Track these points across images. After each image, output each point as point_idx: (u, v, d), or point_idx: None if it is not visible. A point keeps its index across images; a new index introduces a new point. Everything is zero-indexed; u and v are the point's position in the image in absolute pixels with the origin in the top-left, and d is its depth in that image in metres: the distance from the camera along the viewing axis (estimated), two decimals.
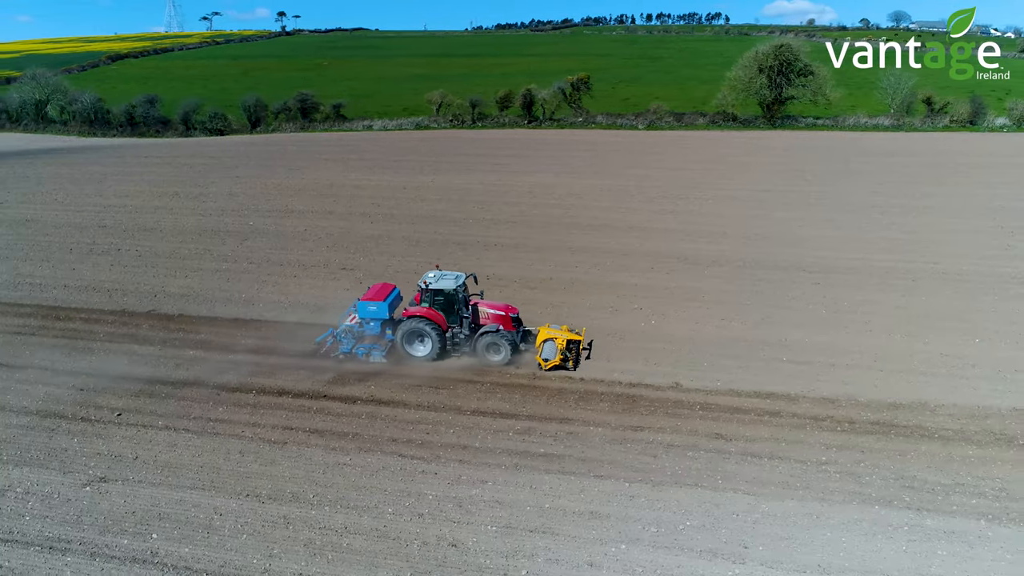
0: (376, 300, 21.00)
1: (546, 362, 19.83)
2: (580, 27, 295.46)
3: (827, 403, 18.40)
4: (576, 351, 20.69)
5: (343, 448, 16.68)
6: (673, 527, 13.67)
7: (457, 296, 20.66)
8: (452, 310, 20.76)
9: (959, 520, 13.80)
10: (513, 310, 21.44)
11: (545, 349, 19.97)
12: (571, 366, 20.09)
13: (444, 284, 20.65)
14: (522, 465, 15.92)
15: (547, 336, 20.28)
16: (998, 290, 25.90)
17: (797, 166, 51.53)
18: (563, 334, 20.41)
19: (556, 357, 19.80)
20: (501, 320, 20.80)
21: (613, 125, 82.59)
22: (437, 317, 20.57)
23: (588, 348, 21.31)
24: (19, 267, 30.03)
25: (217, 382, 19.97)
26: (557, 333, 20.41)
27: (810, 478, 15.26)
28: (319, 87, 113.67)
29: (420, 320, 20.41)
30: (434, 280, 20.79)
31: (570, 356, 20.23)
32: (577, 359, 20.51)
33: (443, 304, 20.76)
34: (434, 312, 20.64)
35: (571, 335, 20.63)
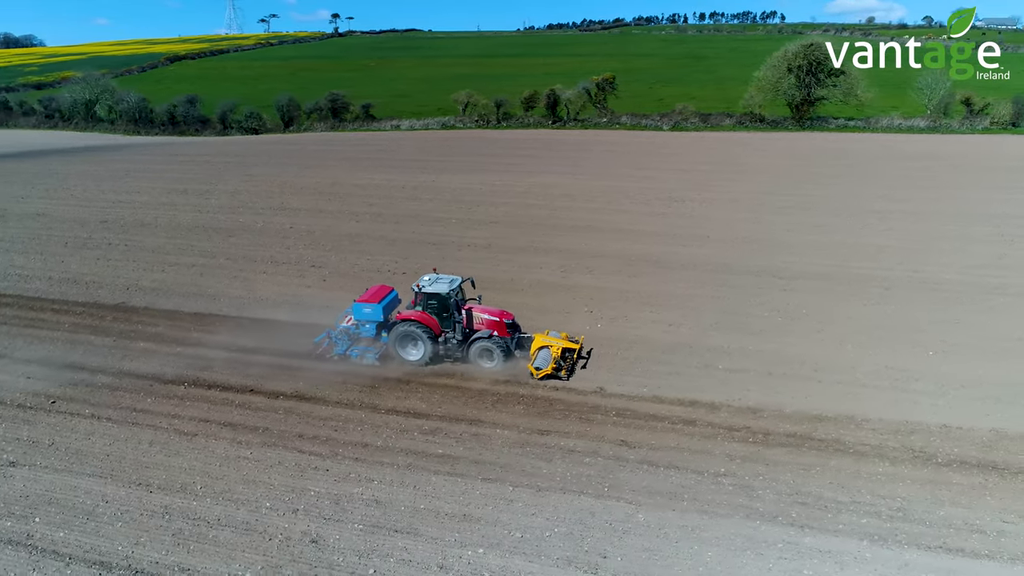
0: (371, 302, 20.92)
1: (538, 371, 19.25)
2: (630, 27, 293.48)
3: (749, 413, 17.84)
4: (571, 360, 20.07)
5: (248, 442, 16.98)
6: (539, 533, 13.47)
7: (450, 300, 20.31)
8: (446, 314, 20.44)
9: (840, 539, 13.21)
10: (508, 316, 20.99)
11: (538, 357, 19.51)
12: (563, 375, 19.43)
13: (438, 288, 20.31)
14: (415, 465, 15.91)
15: (542, 344, 19.78)
16: (975, 301, 24.64)
17: (813, 169, 50.05)
18: (559, 342, 19.84)
19: (548, 366, 19.21)
20: (495, 326, 20.36)
21: (637, 126, 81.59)
22: (430, 321, 20.28)
23: (586, 357, 20.72)
24: (14, 259, 31.50)
25: (155, 374, 20.58)
26: (553, 341, 19.84)
27: (700, 490, 14.82)
28: (361, 87, 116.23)
29: (412, 324, 20.13)
30: (428, 284, 20.47)
31: (563, 365, 19.55)
32: (572, 368, 19.89)
33: (437, 308, 20.43)
34: (427, 316, 20.35)
35: (568, 343, 20.01)
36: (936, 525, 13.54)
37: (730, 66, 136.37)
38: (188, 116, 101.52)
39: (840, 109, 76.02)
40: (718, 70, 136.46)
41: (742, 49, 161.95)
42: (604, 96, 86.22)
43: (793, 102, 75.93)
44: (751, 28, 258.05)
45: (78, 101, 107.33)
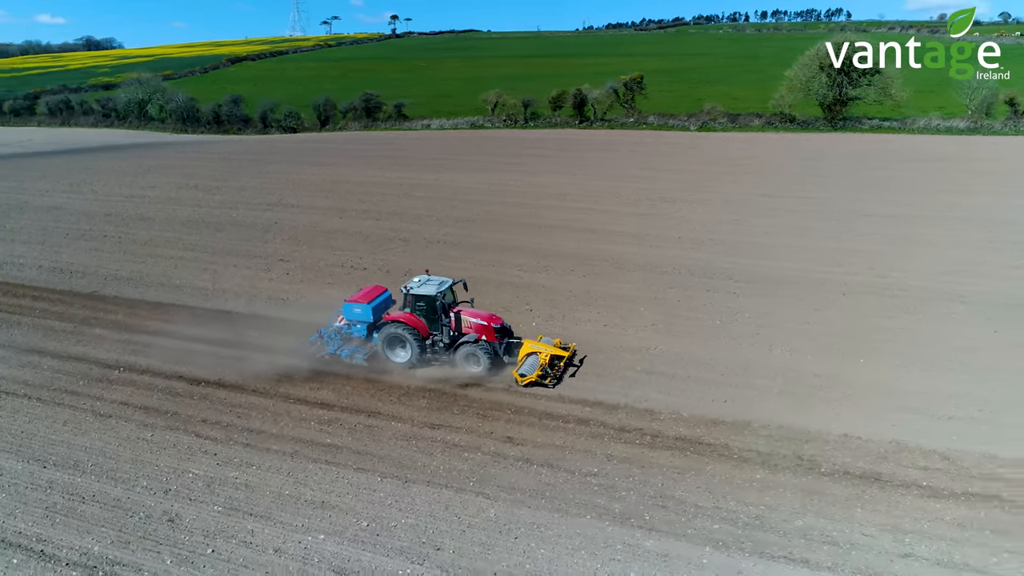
0: (361, 302, 20.74)
1: (522, 377, 18.77)
2: (688, 26, 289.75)
3: (646, 415, 17.64)
4: (559, 368, 19.47)
5: (153, 425, 17.73)
6: (387, 523, 13.71)
7: (436, 303, 19.94)
8: (434, 317, 20.07)
9: (683, 544, 13.02)
10: (497, 320, 20.45)
11: (525, 364, 19.09)
12: (548, 383, 18.82)
13: (426, 290, 20.01)
14: (299, 453, 16.34)
15: (531, 350, 19.34)
16: (932, 309, 23.63)
17: (823, 171, 48.54)
18: (548, 349, 19.37)
19: (533, 373, 18.73)
20: (483, 330, 19.87)
21: (664, 126, 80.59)
22: (418, 324, 19.93)
23: (577, 365, 20.03)
24: (15, 249, 33.48)
25: (97, 358, 21.65)
26: (542, 348, 19.38)
27: (564, 488, 14.80)
28: (405, 87, 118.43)
29: (399, 326, 19.85)
30: (417, 285, 20.21)
31: (550, 373, 18.97)
32: (560, 376, 19.30)
33: (425, 310, 20.07)
34: (415, 318, 20.02)
35: (557, 351, 19.51)
36: (790, 535, 13.19)
37: (782, 65, 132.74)
38: (232, 115, 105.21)
39: (875, 109, 73.30)
40: (768, 69, 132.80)
41: (799, 48, 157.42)
42: (632, 96, 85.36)
43: (825, 102, 73.57)
44: (812, 26, 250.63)
45: (132, 101, 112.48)
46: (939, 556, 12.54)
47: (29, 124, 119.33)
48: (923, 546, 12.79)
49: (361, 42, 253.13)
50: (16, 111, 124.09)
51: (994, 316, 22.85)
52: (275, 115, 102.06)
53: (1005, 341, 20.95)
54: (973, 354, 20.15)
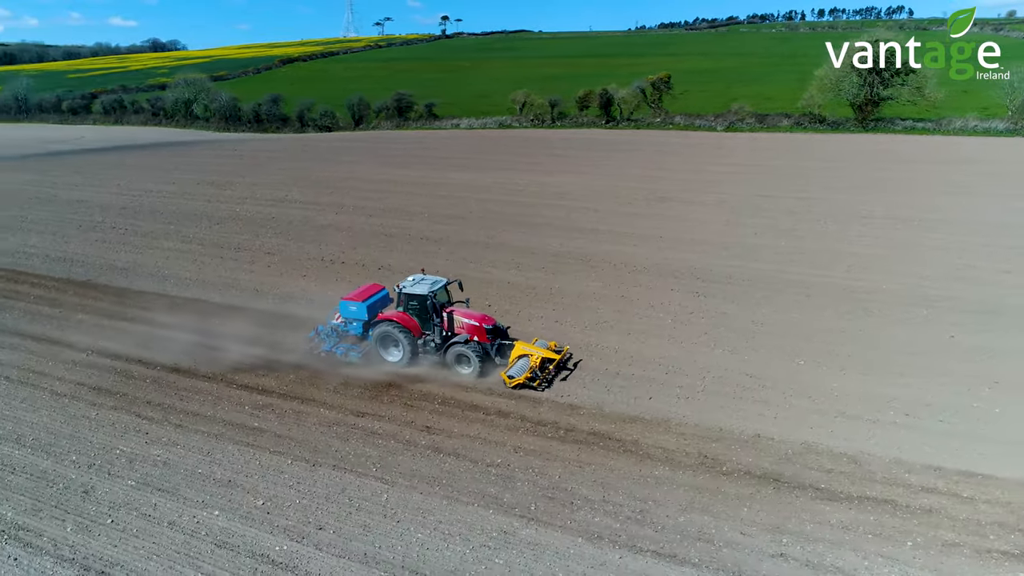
0: (356, 300, 20.64)
1: (511, 379, 18.43)
2: (739, 25, 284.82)
3: (567, 409, 17.82)
4: (549, 371, 19.13)
5: (101, 404, 18.72)
6: (281, 503, 14.30)
7: (427, 302, 19.79)
8: (426, 316, 19.89)
9: (558, 535, 13.22)
10: (489, 321, 20.07)
11: (515, 366, 18.86)
12: (537, 385, 18.52)
13: (418, 289, 19.84)
14: (223, 435, 17.08)
15: (523, 352, 19.14)
16: (895, 313, 23.07)
17: (836, 171, 47.36)
18: (539, 351, 19.05)
19: (522, 376, 18.41)
20: (474, 331, 19.61)
21: (690, 126, 79.70)
22: (410, 323, 19.86)
23: (570, 369, 19.72)
24: (29, 238, 35.48)
25: (70, 342, 22.88)
26: (533, 350, 19.10)
27: (463, 477, 15.14)
28: (445, 87, 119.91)
29: (392, 325, 19.79)
30: (410, 284, 20.09)
31: (539, 376, 18.69)
32: (550, 379, 19.01)
33: (417, 309, 19.94)
34: (408, 317, 19.92)
35: (549, 353, 19.20)
36: (667, 530, 13.26)
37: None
38: (271, 114, 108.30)
39: (909, 110, 70.91)
40: (812, 69, 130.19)
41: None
42: (659, 96, 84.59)
43: (855, 102, 71.55)
44: (870, 24, 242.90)
45: (179, 100, 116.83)
46: (811, 558, 12.44)
47: (85, 122, 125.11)
48: (798, 547, 12.70)
49: (411, 43, 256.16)
50: (74, 109, 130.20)
51: (959, 321, 22.18)
52: (311, 114, 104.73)
53: (959, 346, 20.37)
54: (919, 358, 19.66)
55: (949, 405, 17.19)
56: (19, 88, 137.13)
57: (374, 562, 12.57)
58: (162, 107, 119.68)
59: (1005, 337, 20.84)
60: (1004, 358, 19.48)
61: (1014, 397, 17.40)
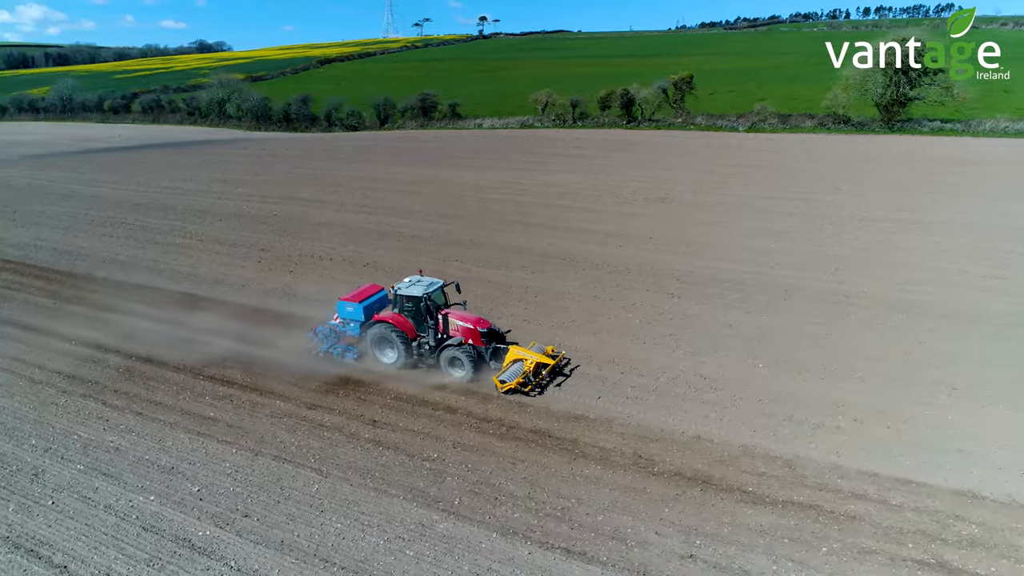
0: (353, 301, 20.57)
1: (503, 384, 18.12)
2: (780, 24, 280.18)
3: (514, 407, 17.93)
4: (542, 376, 18.77)
5: (72, 391, 19.43)
6: (216, 491, 14.74)
7: (421, 304, 19.55)
8: (421, 318, 19.66)
9: (475, 529, 13.38)
10: (485, 324, 19.69)
11: (508, 370, 18.57)
12: (528, 391, 18.22)
13: (413, 291, 19.60)
14: (178, 424, 17.62)
15: (517, 357, 18.80)
16: (869, 318, 22.63)
17: (852, 173, 46.35)
18: (534, 356, 18.72)
19: (514, 381, 18.12)
20: (469, 333, 19.29)
21: (712, 127, 78.76)
22: (405, 325, 19.58)
23: (566, 375, 19.29)
24: (41, 232, 36.91)
25: (60, 331, 23.70)
26: (528, 355, 18.75)
27: (396, 470, 15.39)
28: (475, 87, 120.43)
29: (386, 326, 19.55)
30: (406, 286, 19.88)
31: (532, 381, 18.35)
32: (543, 385, 18.69)
33: (412, 311, 19.71)
34: (403, 319, 19.66)
35: (543, 358, 18.82)
36: (583, 528, 13.33)
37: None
38: (300, 114, 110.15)
39: (937, 110, 68.89)
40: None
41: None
42: (681, 96, 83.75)
43: (881, 102, 69.81)
44: (915, 23, 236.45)
45: (213, 100, 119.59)
46: (720, 560, 12.39)
47: (125, 121, 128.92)
48: (711, 549, 12.65)
49: (448, 43, 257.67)
50: (115, 109, 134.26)
51: (934, 327, 21.67)
52: (339, 114, 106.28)
53: (926, 352, 19.92)
54: (882, 364, 19.29)
55: (901, 412, 16.85)
56: (64, 88, 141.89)
57: (288, 550, 12.89)
58: (197, 107, 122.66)
59: (977, 344, 20.30)
60: (969, 365, 18.99)
61: (970, 405, 16.97)
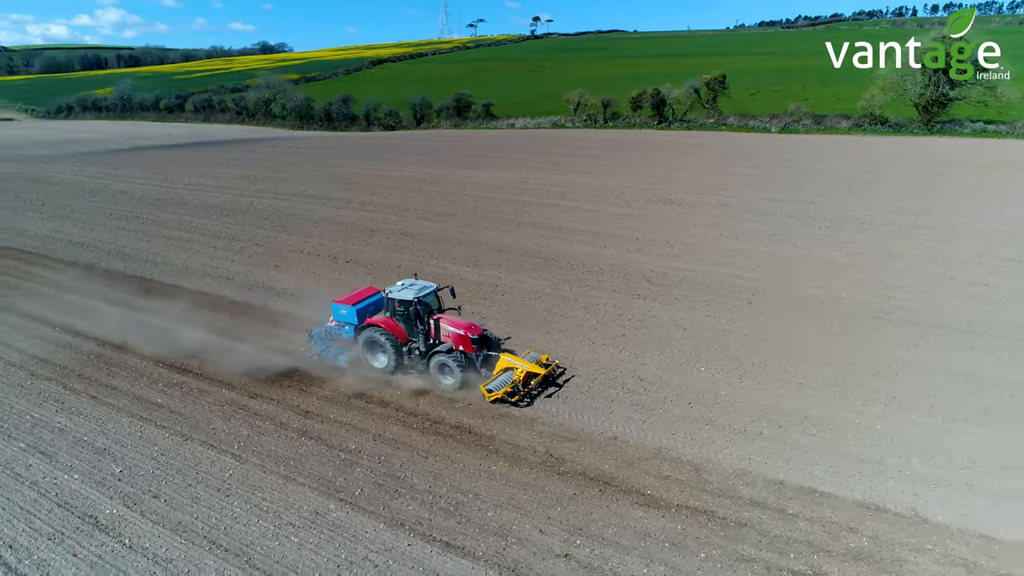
0: (347, 304, 20.29)
1: (489, 393, 17.56)
2: (841, 23, 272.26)
3: (444, 403, 18.14)
4: (531, 386, 18.14)
5: (39, 375, 20.49)
6: (137, 472, 15.41)
7: (410, 308, 19.13)
8: (412, 323, 19.27)
9: (362, 518, 13.66)
10: (476, 331, 19.07)
11: (497, 379, 18.04)
12: (516, 401, 17.67)
13: (404, 294, 19.19)
14: (124, 408, 18.38)
15: (507, 365, 18.32)
16: (840, 322, 21.98)
17: (877, 175, 44.86)
18: (525, 365, 18.18)
19: (501, 390, 17.57)
20: (459, 340, 18.84)
21: (743, 127, 77.11)
22: (396, 329, 19.24)
23: (559, 386, 18.70)
24: (62, 225, 38.88)
25: (48, 318, 24.83)
26: (518, 363, 18.26)
27: (311, 459, 15.80)
28: (519, 87, 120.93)
29: (377, 330, 19.23)
30: (398, 289, 19.50)
31: (521, 391, 17.81)
32: (533, 395, 18.11)
33: (403, 315, 19.33)
34: (394, 323, 19.34)
35: (534, 367, 18.25)
36: (470, 523, 13.48)
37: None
38: (340, 113, 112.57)
39: (980, 111, 65.80)
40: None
41: (958, 44, 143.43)
42: (714, 96, 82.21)
43: (919, 102, 67.12)
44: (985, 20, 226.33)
45: (259, 100, 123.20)
46: (594, 561, 12.38)
47: (178, 120, 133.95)
48: (588, 550, 12.64)
49: (500, 44, 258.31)
50: (169, 108, 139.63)
51: (900, 334, 20.96)
52: (377, 114, 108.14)
53: (880, 360, 19.28)
54: (828, 370, 18.79)
55: (830, 420, 16.41)
56: (124, 88, 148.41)
57: (182, 531, 13.41)
58: (245, 106, 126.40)
59: (936, 352, 19.55)
60: (920, 374, 18.32)
61: (903, 415, 16.40)
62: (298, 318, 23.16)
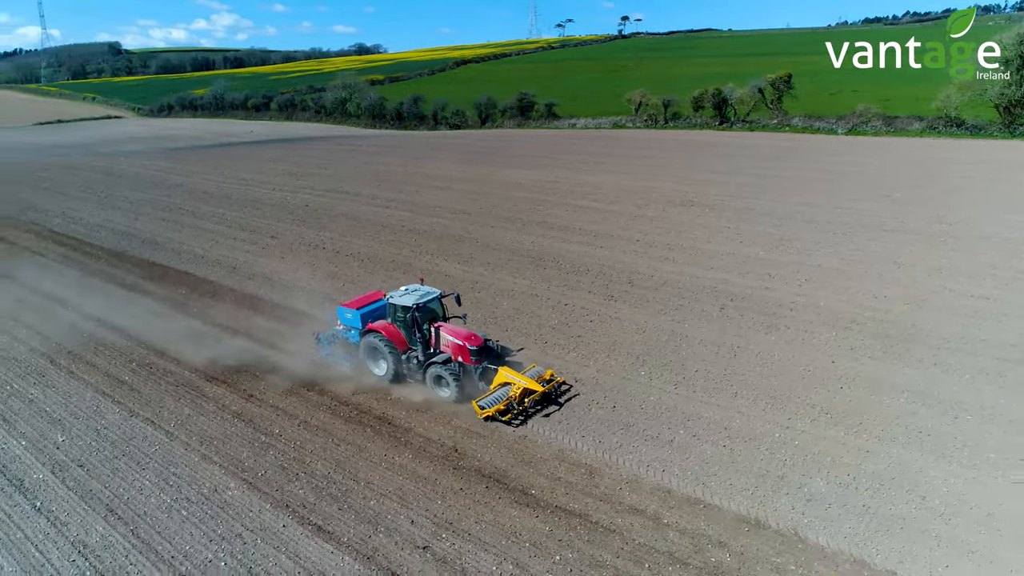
0: (352, 307, 19.86)
1: (482, 409, 16.54)
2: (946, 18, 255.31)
3: (378, 394, 18.54)
4: (528, 404, 17.04)
5: (35, 350, 22.23)
6: (77, 441, 16.59)
7: (408, 315, 18.46)
8: (411, 330, 18.60)
9: (253, 497, 14.24)
10: (476, 341, 18.01)
11: (492, 395, 17.01)
12: (508, 420, 16.58)
13: (405, 300, 18.47)
14: (93, 384, 19.64)
15: (505, 380, 17.23)
16: (804, 331, 21.01)
17: (918, 182, 42.27)
18: (522, 381, 17.03)
19: (493, 408, 16.55)
20: (458, 350, 17.90)
21: (807, 129, 73.88)
22: (396, 336, 18.62)
23: (560, 404, 17.46)
24: (111, 215, 41.88)
25: (61, 296, 26.86)
26: (515, 379, 17.09)
27: (233, 440, 16.52)
28: (593, 87, 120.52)
29: (377, 336, 18.67)
30: (399, 295, 18.92)
31: (515, 409, 16.68)
32: (527, 413, 16.93)
33: (403, 322, 18.67)
34: (395, 330, 18.69)
35: (532, 384, 17.06)
36: (349, 511, 13.84)
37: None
38: (410, 113, 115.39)
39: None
40: None
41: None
42: (779, 96, 79.09)
43: (1000, 103, 62.31)
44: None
45: (336, 100, 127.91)
46: (450, 555, 12.55)
47: (263, 119, 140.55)
48: (449, 544, 12.81)
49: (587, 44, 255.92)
50: (256, 107, 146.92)
51: (862, 346, 19.89)
52: (444, 113, 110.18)
53: (829, 372, 18.40)
54: (771, 380, 18.09)
55: (750, 432, 15.82)
56: (218, 89, 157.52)
57: (90, 498, 14.43)
58: (323, 105, 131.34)
59: (892, 368, 18.41)
60: (862, 390, 17.33)
61: (827, 432, 15.62)
62: (285, 307, 24.62)
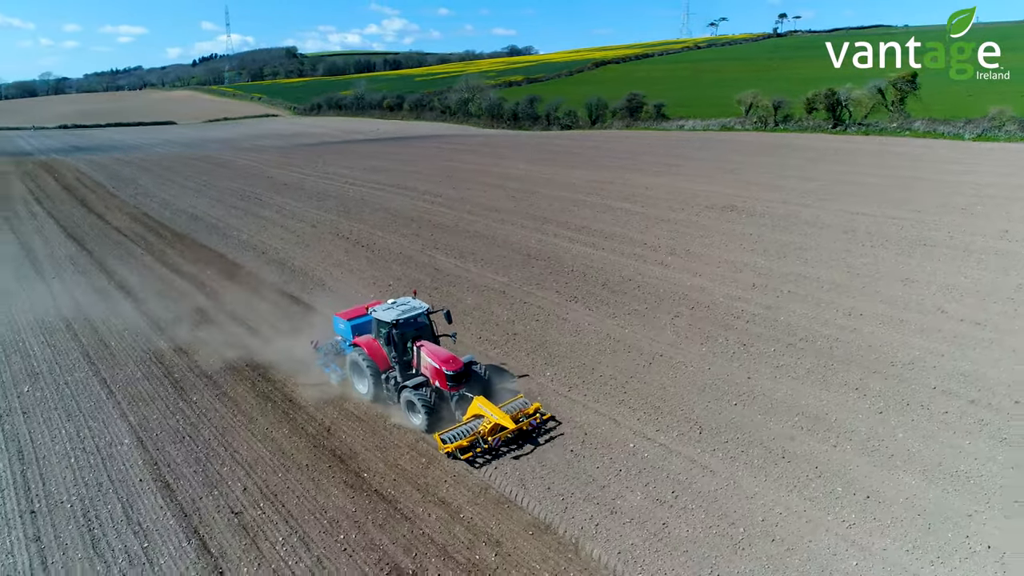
0: (344, 318, 18.85)
1: (443, 444, 14.76)
2: None
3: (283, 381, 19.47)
4: (498, 439, 15.16)
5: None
6: (46, 416, 19.08)
7: (383, 331, 17.27)
8: (391, 348, 17.13)
9: (129, 453, 15.98)
10: (455, 365, 16.10)
11: (458, 428, 15.26)
12: (467, 458, 14.75)
13: (387, 315, 16.94)
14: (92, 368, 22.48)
15: (478, 412, 15.37)
16: (753, 345, 19.86)
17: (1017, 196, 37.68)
18: (495, 415, 15.09)
19: (455, 443, 14.82)
20: (435, 374, 16.24)
21: (930, 133, 67.08)
22: (378, 353, 17.26)
23: (539, 443, 15.43)
24: (198, 202, 46.35)
25: (111, 269, 30.74)
26: (488, 412, 15.19)
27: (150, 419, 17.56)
28: (726, 87, 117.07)
29: (359, 353, 17.42)
30: (382, 308, 17.49)
31: (482, 445, 14.83)
32: (495, 450, 15.08)
33: (386, 339, 17.23)
34: (377, 347, 17.32)
35: (504, 418, 15.00)
36: (185, 465, 15.09)
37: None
38: (525, 113, 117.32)
39: None
40: None
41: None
42: (902, 97, 72.14)
43: None
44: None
45: (459, 100, 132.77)
46: (253, 524, 13.32)
47: (395, 118, 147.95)
48: (258, 512, 13.56)
49: (736, 43, 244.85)
50: (390, 107, 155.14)
51: (803, 367, 18.42)
52: (556, 114, 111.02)
53: (736, 390, 17.31)
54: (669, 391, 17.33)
55: (606, 439, 15.48)
56: (359, 90, 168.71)
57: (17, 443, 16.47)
58: (448, 106, 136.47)
59: (807, 390, 17.03)
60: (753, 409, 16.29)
61: (684, 447, 14.91)
62: (280, 290, 26.56)
